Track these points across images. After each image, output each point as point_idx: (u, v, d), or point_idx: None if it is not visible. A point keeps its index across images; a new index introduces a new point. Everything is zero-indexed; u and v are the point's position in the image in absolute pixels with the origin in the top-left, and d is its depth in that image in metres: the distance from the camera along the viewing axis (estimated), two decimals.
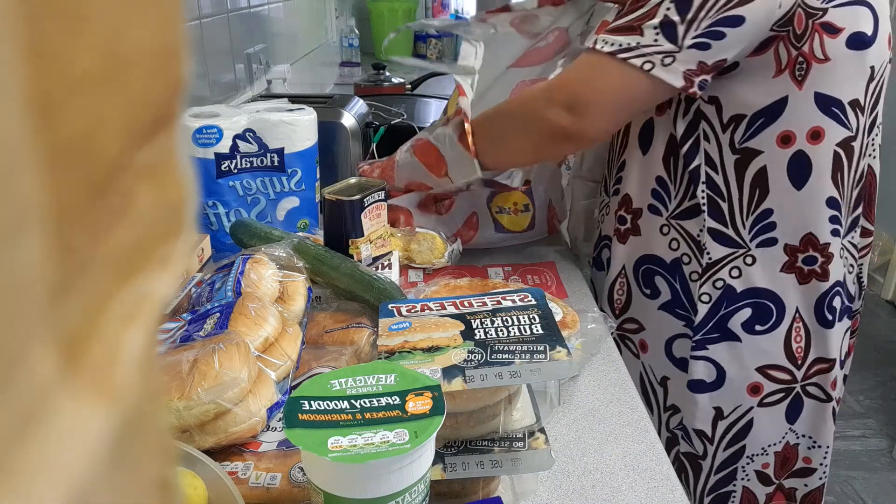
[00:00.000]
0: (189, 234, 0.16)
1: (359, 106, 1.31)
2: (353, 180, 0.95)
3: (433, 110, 1.64)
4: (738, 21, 0.73)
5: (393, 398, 0.46)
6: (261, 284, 0.72)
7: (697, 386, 0.89)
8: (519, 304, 0.61)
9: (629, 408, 0.75)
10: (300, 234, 0.98)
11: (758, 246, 0.84)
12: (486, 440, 0.57)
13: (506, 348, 0.54)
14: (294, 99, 1.22)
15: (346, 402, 0.46)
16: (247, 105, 1.08)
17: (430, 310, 0.62)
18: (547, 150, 0.91)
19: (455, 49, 3.45)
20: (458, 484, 0.58)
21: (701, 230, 0.86)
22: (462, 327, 0.58)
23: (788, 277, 0.85)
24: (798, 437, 0.91)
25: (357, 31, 3.09)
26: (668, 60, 0.76)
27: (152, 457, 0.16)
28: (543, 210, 1.11)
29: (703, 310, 0.87)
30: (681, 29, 0.75)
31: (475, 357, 0.54)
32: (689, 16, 0.74)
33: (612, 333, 0.85)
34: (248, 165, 1.00)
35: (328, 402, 0.46)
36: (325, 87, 2.53)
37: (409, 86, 2.10)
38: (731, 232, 0.85)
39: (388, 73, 2.14)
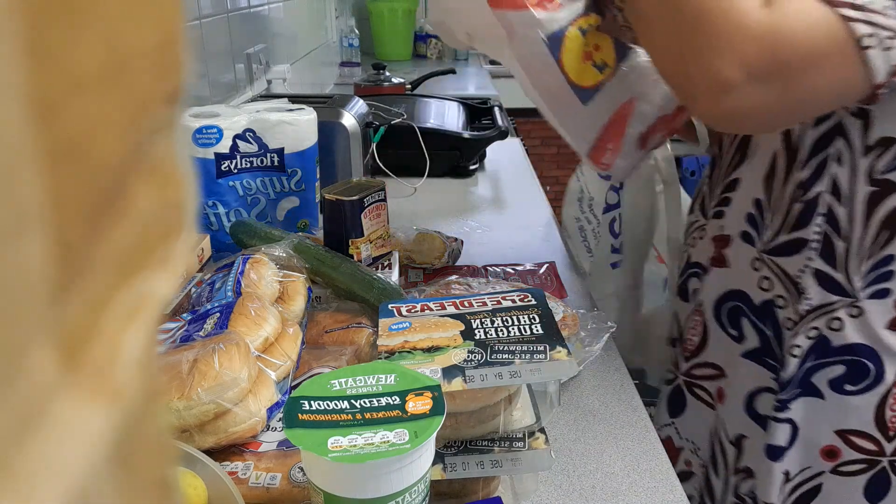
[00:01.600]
0: (189, 234, 0.16)
1: (359, 106, 1.31)
2: (353, 180, 0.95)
3: (433, 110, 1.64)
4: None
5: (393, 398, 0.46)
6: (261, 284, 0.72)
7: (774, 452, 0.76)
8: (519, 304, 0.61)
9: (629, 408, 0.75)
10: (300, 234, 0.98)
11: (869, 297, 0.69)
12: (486, 440, 0.57)
13: (506, 348, 0.54)
14: (294, 99, 1.22)
15: (346, 402, 0.46)
16: (247, 105, 1.08)
17: (430, 310, 0.62)
18: (683, 94, 0.64)
19: (454, 49, 3.45)
20: (458, 484, 0.58)
21: (802, 270, 0.71)
22: (462, 327, 0.58)
23: (894, 335, 0.69)
24: None
25: (357, 31, 3.10)
26: (889, 42, 0.55)
27: (152, 457, 0.16)
28: (611, 104, 0.77)
29: (792, 364, 0.73)
30: None
31: (475, 357, 0.54)
32: None
33: (612, 333, 0.84)
34: (248, 165, 1.00)
35: (328, 402, 0.46)
36: (325, 87, 2.54)
37: (409, 86, 2.10)
38: (840, 277, 0.70)
39: (388, 73, 2.14)
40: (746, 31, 0.56)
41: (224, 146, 0.97)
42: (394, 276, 0.91)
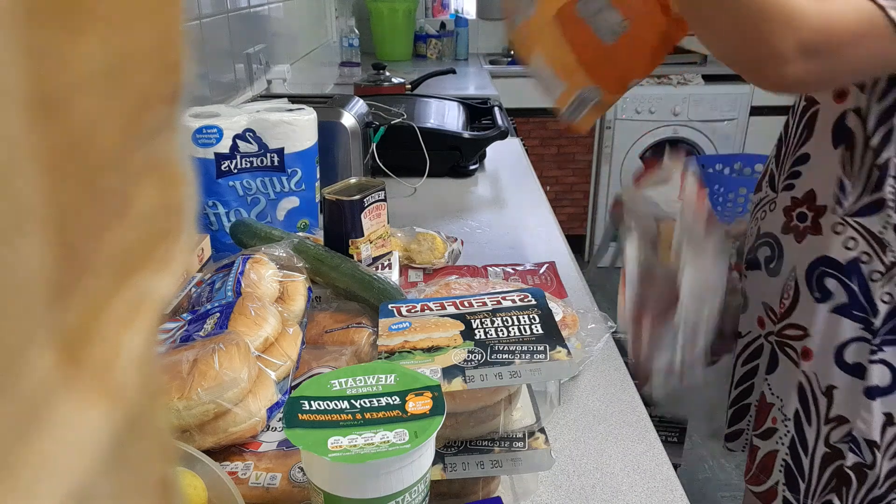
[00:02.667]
0: (189, 234, 0.16)
1: (359, 106, 1.31)
2: (352, 180, 0.95)
3: (433, 110, 1.64)
4: None
5: (393, 398, 0.46)
6: (261, 284, 0.72)
7: (873, 392, 0.83)
8: (519, 304, 0.61)
9: (629, 408, 0.75)
10: (300, 234, 0.98)
11: None
12: (486, 440, 0.57)
13: (506, 348, 0.54)
14: (294, 99, 1.22)
15: (346, 402, 0.46)
16: (247, 105, 1.08)
17: (430, 310, 0.62)
18: (741, 67, 0.74)
19: (454, 49, 3.45)
20: (458, 484, 0.58)
21: (885, 227, 0.80)
22: (462, 327, 0.58)
23: None
24: None
25: (357, 31, 3.09)
26: None
27: (152, 457, 0.16)
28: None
29: (883, 310, 0.81)
30: None
31: (475, 357, 0.54)
32: None
33: (612, 333, 0.84)
34: (248, 165, 1.00)
35: (328, 402, 0.46)
36: (325, 87, 2.54)
37: (409, 86, 2.10)
38: None
39: (388, 73, 2.14)
40: (802, 18, 0.68)
41: (224, 146, 0.97)
42: (394, 276, 0.91)
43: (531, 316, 0.59)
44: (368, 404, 0.46)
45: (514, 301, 0.62)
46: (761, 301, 0.98)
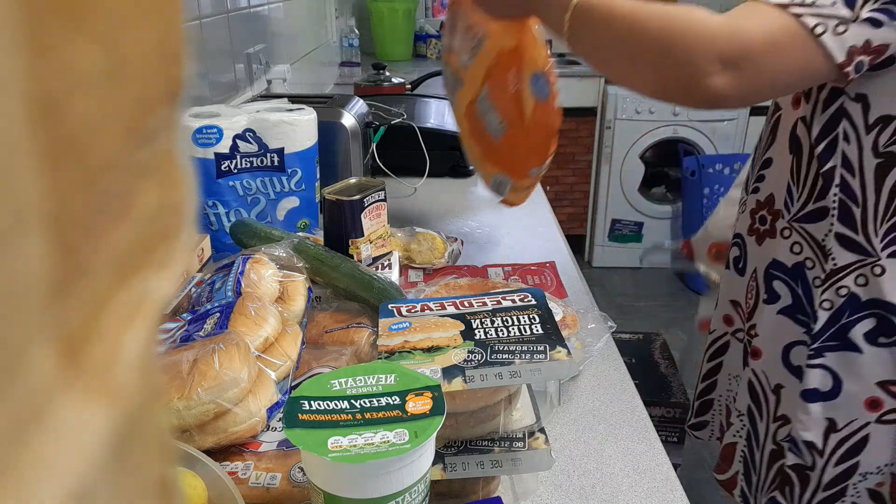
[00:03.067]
0: (189, 234, 0.16)
1: (359, 106, 1.31)
2: (352, 180, 0.94)
3: (433, 110, 1.64)
4: None
5: (393, 398, 0.46)
6: (261, 284, 0.72)
7: (811, 395, 0.84)
8: (519, 304, 0.61)
9: (629, 408, 0.75)
10: (300, 234, 0.98)
11: (889, 256, 0.78)
12: (486, 440, 0.57)
13: (506, 348, 0.54)
14: (294, 99, 1.22)
15: (346, 402, 0.46)
16: (247, 105, 1.08)
17: (430, 310, 0.62)
18: (669, 94, 0.77)
19: None
20: (458, 484, 0.58)
21: (826, 235, 0.81)
22: (462, 327, 0.58)
23: None
24: None
25: (357, 31, 3.09)
26: (840, 29, 0.67)
27: (152, 457, 0.16)
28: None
29: (823, 317, 0.82)
30: None
31: (475, 357, 0.54)
32: None
33: (612, 333, 0.84)
34: (248, 165, 1.00)
35: (328, 402, 0.46)
36: (325, 87, 2.53)
37: (409, 86, 2.10)
38: (860, 239, 0.79)
39: (388, 73, 2.14)
40: (715, 33, 0.70)
41: (224, 146, 0.97)
42: (394, 276, 0.91)
43: (531, 316, 0.59)
44: (368, 404, 0.46)
45: (514, 301, 0.62)
46: (729, 299, 1.00)
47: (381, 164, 1.40)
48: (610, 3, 0.76)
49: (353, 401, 0.46)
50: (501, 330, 0.57)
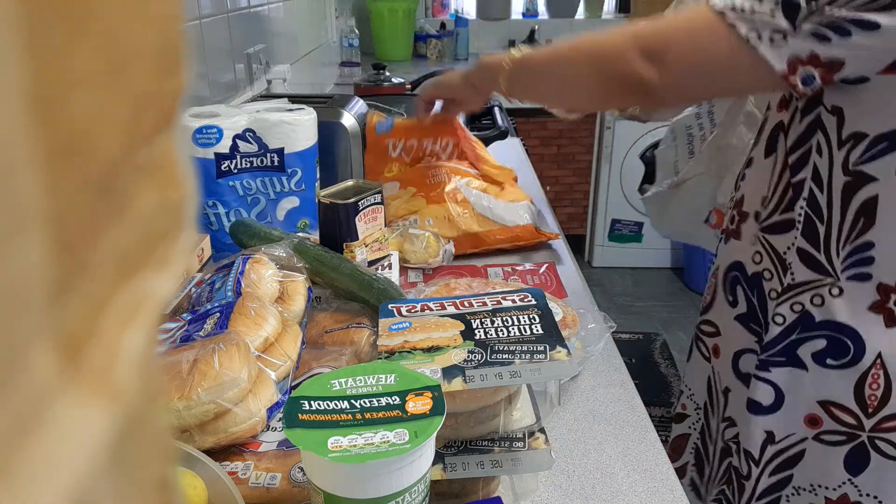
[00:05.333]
0: (189, 234, 0.16)
1: (359, 106, 1.31)
2: (350, 182, 0.94)
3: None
4: (871, 26, 0.64)
5: (393, 398, 0.46)
6: (261, 284, 0.72)
7: (754, 407, 0.84)
8: (519, 304, 0.61)
9: (629, 408, 0.75)
10: (300, 234, 0.98)
11: (848, 279, 0.75)
12: (486, 440, 0.57)
13: (506, 348, 0.54)
14: (294, 99, 1.22)
15: (346, 402, 0.46)
16: (247, 105, 1.08)
17: (430, 310, 0.62)
18: (612, 97, 0.85)
19: (454, 49, 3.45)
20: (458, 484, 0.58)
21: (788, 248, 0.79)
22: (462, 327, 0.58)
23: (876, 318, 0.75)
24: (861, 496, 0.80)
25: (357, 31, 3.09)
26: (777, 38, 0.67)
27: (152, 457, 0.16)
28: None
29: (774, 330, 0.81)
30: (803, 11, 0.65)
31: (475, 357, 0.54)
32: (820, 1, 0.65)
33: (611, 333, 0.84)
34: (248, 165, 1.00)
35: (328, 402, 0.46)
36: (325, 87, 2.53)
37: (408, 86, 2.10)
38: (821, 257, 0.77)
39: (388, 73, 2.14)
40: (635, 29, 0.75)
41: (224, 146, 0.97)
42: (394, 276, 0.91)
43: (531, 316, 0.59)
44: (368, 404, 0.46)
45: (514, 301, 0.62)
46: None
47: None
48: (537, 52, 0.88)
49: (353, 401, 0.46)
50: (501, 330, 0.57)
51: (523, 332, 0.57)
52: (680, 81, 0.75)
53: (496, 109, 1.72)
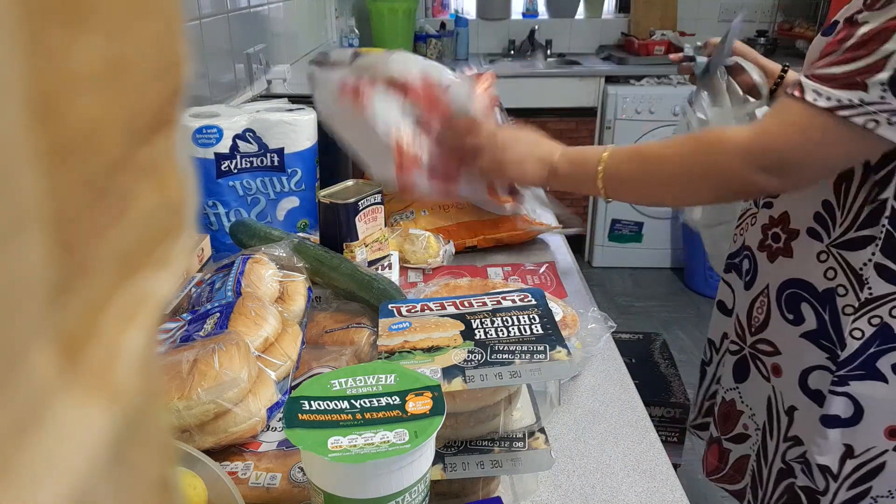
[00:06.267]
0: (189, 234, 0.16)
1: None
2: (350, 183, 0.94)
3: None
4: None
5: (393, 398, 0.46)
6: (261, 284, 0.72)
7: (831, 421, 0.85)
8: (519, 304, 0.61)
9: (629, 408, 0.75)
10: (300, 234, 0.98)
11: None
12: (486, 440, 0.57)
13: (506, 348, 0.54)
14: (294, 99, 1.22)
15: (346, 402, 0.46)
16: (247, 105, 1.08)
17: (430, 310, 0.62)
18: (730, 200, 0.89)
19: (455, 49, 3.45)
20: (458, 484, 0.58)
21: (866, 263, 0.81)
22: (462, 327, 0.58)
23: None
24: None
25: (357, 31, 3.10)
26: (894, 119, 0.69)
27: (152, 457, 0.16)
28: None
29: (852, 345, 0.82)
30: None
31: (475, 357, 0.54)
32: None
33: (611, 333, 0.84)
34: (248, 165, 1.00)
35: (328, 402, 0.46)
36: None
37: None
38: None
39: None
40: (745, 146, 0.76)
41: (224, 146, 0.97)
42: (394, 276, 0.91)
43: (531, 316, 0.59)
44: (368, 404, 0.46)
45: (514, 301, 0.62)
46: (746, 316, 1.00)
47: None
48: (635, 154, 0.86)
49: (353, 401, 0.46)
50: (501, 330, 0.57)
51: (523, 332, 0.57)
52: (804, 183, 0.79)
53: (496, 109, 1.72)
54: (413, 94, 1.00)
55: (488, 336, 0.56)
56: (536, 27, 3.45)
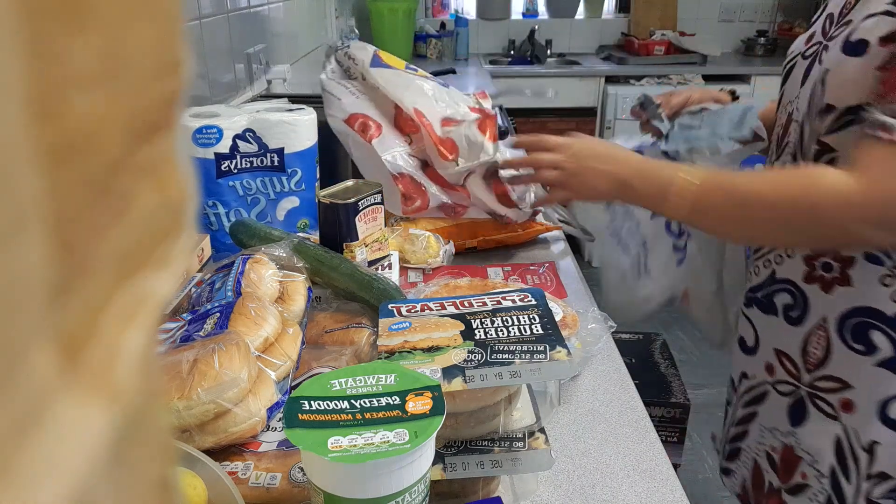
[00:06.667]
0: (189, 234, 0.16)
1: None
2: (350, 182, 0.94)
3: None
4: None
5: (393, 398, 0.46)
6: (261, 284, 0.72)
7: None
8: (519, 304, 0.61)
9: (629, 408, 0.75)
10: (300, 234, 0.98)
11: None
12: (486, 440, 0.57)
13: (506, 348, 0.54)
14: (294, 99, 1.22)
15: (346, 402, 0.46)
16: (247, 105, 1.08)
17: (430, 310, 0.62)
18: (825, 249, 0.85)
19: (455, 49, 3.45)
20: (458, 484, 0.58)
21: None
22: (462, 327, 0.58)
23: None
24: None
25: (357, 31, 3.10)
26: None
27: (152, 457, 0.16)
28: None
29: None
30: None
31: (475, 357, 0.54)
32: None
33: (611, 333, 0.84)
34: (248, 165, 1.00)
35: (328, 402, 0.46)
36: None
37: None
38: None
39: None
40: (848, 198, 0.72)
41: (224, 146, 0.97)
42: (394, 276, 0.91)
43: (531, 316, 0.59)
44: (368, 404, 0.46)
45: (514, 301, 0.62)
46: (773, 347, 0.95)
47: None
48: (728, 186, 0.80)
49: (353, 401, 0.46)
50: (501, 330, 0.57)
51: (523, 332, 0.57)
52: None
53: (496, 109, 1.72)
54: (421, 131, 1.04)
55: (488, 336, 0.56)
56: (536, 27, 3.45)
